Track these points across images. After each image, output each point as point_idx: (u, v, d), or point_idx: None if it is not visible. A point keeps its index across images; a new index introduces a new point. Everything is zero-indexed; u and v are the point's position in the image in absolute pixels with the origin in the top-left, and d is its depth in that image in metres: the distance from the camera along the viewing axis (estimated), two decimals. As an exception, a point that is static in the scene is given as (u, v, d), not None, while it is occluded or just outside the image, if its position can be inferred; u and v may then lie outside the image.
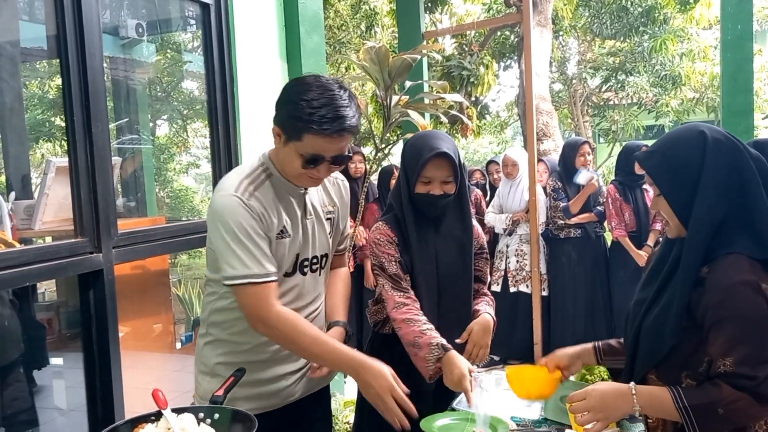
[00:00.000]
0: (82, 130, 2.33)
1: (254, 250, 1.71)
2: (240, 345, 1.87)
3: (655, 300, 1.58)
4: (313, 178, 1.78)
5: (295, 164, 1.73)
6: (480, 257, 2.21)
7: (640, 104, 12.90)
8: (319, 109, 1.64)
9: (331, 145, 1.70)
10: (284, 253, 1.80)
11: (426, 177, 2.10)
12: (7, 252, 2.16)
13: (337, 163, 1.77)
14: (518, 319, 5.39)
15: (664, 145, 1.58)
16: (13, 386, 2.89)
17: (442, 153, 2.08)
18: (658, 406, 1.48)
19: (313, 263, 1.89)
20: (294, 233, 1.82)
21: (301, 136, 1.68)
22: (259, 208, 1.74)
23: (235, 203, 1.71)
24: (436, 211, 2.16)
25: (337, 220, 1.99)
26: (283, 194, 1.81)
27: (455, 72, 7.88)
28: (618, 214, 5.08)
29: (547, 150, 7.47)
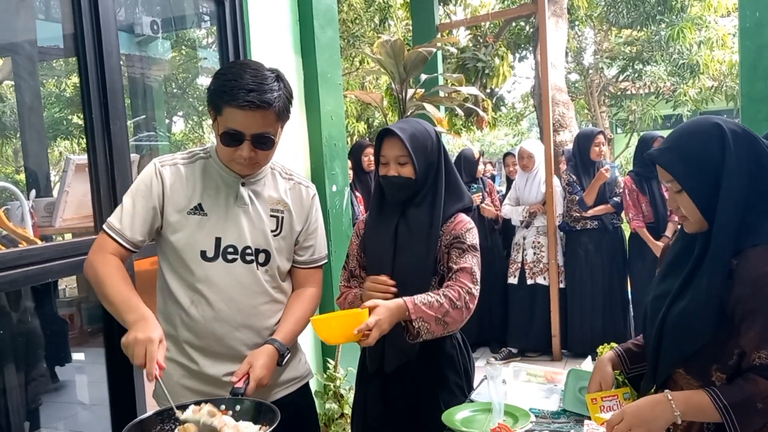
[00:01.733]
0: (101, 128, 2.35)
1: (128, 208, 1.81)
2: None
3: (680, 294, 1.55)
4: (241, 163, 1.79)
5: (221, 145, 1.79)
6: (453, 247, 2.06)
7: (657, 94, 12.75)
8: (237, 82, 1.70)
9: (248, 120, 1.72)
10: (196, 230, 1.82)
11: (382, 156, 2.10)
12: (28, 249, 2.20)
13: (260, 145, 1.77)
14: (535, 312, 5.38)
15: (680, 139, 1.54)
16: (37, 381, 2.93)
17: (387, 131, 2.07)
18: (696, 409, 1.45)
19: (246, 253, 1.85)
20: (213, 214, 1.83)
21: (222, 109, 1.73)
22: (171, 178, 1.83)
23: (150, 167, 1.85)
24: (394, 194, 2.10)
25: (289, 222, 1.93)
26: (213, 177, 1.86)
27: (470, 64, 7.84)
28: (635, 205, 5.04)
29: (563, 141, 7.42)
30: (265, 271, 1.89)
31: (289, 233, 1.94)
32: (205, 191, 1.85)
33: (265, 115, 1.73)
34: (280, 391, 1.95)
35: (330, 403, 3.47)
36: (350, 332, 1.81)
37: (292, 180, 1.98)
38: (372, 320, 1.82)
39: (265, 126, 1.76)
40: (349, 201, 4.00)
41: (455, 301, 1.96)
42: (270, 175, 1.94)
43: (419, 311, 1.91)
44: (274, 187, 1.93)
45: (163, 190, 1.82)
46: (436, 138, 2.14)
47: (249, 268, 1.86)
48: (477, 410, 1.97)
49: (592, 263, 5.27)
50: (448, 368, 2.14)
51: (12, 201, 2.92)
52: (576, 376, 2.04)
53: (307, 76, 3.65)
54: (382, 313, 1.85)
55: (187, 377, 1.88)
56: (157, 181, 1.83)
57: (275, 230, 1.90)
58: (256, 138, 1.76)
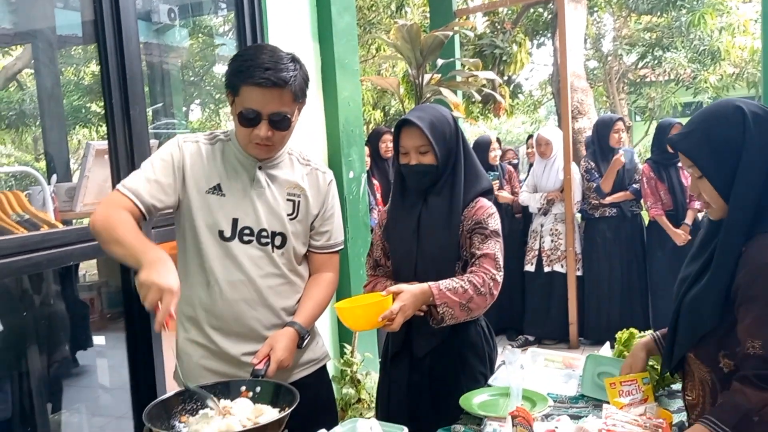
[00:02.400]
0: (121, 113, 2.38)
1: (146, 171, 1.80)
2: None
3: (697, 279, 1.54)
4: (259, 145, 1.81)
5: (239, 126, 1.80)
6: (475, 233, 2.06)
7: (677, 81, 12.57)
8: (253, 61, 1.73)
9: (265, 98, 1.74)
10: (214, 210, 1.84)
11: (402, 147, 2.09)
12: (50, 232, 2.23)
13: (277, 124, 1.78)
14: (552, 299, 5.37)
15: (700, 124, 1.51)
16: (59, 363, 2.98)
17: (406, 121, 2.05)
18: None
19: (261, 236, 1.87)
20: (230, 196, 1.85)
21: (239, 89, 1.76)
22: (193, 155, 1.85)
23: (173, 143, 1.87)
24: (417, 183, 2.10)
25: (305, 206, 1.94)
26: (231, 159, 1.88)
27: (487, 51, 7.79)
28: (653, 193, 5.00)
29: (582, 128, 7.36)
30: (281, 254, 1.91)
31: (305, 217, 1.95)
32: (224, 172, 1.87)
33: (281, 93, 1.75)
34: (298, 372, 1.97)
35: (347, 388, 3.49)
36: (375, 319, 1.84)
37: (309, 166, 1.99)
38: (396, 306, 1.85)
39: (282, 105, 1.77)
40: (366, 188, 4.00)
41: (479, 287, 1.97)
42: (287, 160, 1.96)
43: (444, 297, 1.93)
44: (291, 172, 1.95)
45: (184, 164, 1.84)
46: (454, 123, 2.13)
47: (265, 250, 1.89)
48: (495, 394, 1.97)
49: (610, 251, 5.24)
50: (473, 355, 2.15)
51: (33, 186, 2.96)
52: (594, 361, 2.04)
53: (324, 63, 3.64)
54: (406, 298, 1.88)
55: (207, 357, 1.90)
56: (179, 153, 1.85)
57: (291, 214, 1.92)
58: (272, 117, 1.77)
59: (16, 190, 2.63)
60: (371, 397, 3.50)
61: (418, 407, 2.13)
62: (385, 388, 2.27)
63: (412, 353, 2.15)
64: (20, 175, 6.46)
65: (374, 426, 1.51)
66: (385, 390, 2.27)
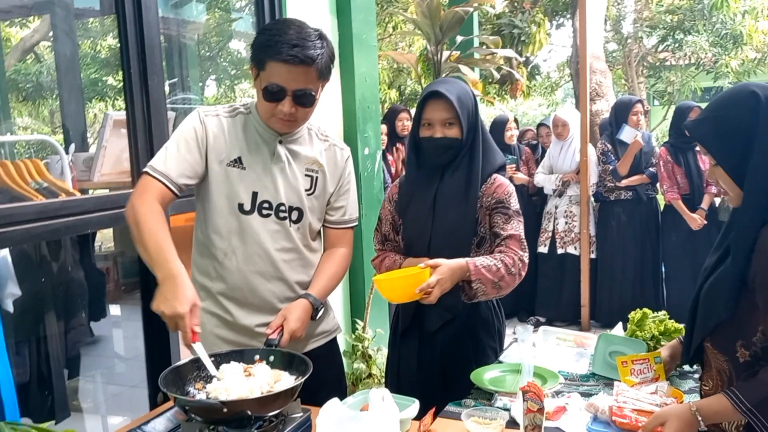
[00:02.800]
0: (139, 84, 2.38)
1: (172, 151, 1.81)
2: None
3: (716, 267, 1.53)
4: (282, 119, 1.81)
5: (262, 101, 1.81)
6: (497, 212, 2.06)
7: (698, 65, 12.38)
8: (281, 37, 1.72)
9: (291, 75, 1.74)
10: (234, 183, 1.85)
11: (426, 119, 2.06)
12: (69, 200, 2.26)
13: (301, 101, 1.78)
14: (565, 281, 5.36)
15: (714, 110, 1.49)
16: (76, 330, 3.03)
17: (436, 93, 2.02)
18: (724, 417, 1.45)
19: (279, 210, 1.89)
20: (250, 169, 1.86)
21: (265, 64, 1.75)
22: (214, 128, 1.85)
23: (194, 116, 1.87)
24: (439, 156, 2.07)
25: (323, 182, 1.96)
26: (252, 132, 1.88)
27: (506, 30, 7.71)
28: (670, 176, 4.96)
29: (599, 110, 7.29)
30: (297, 229, 1.92)
31: (322, 193, 1.96)
32: (245, 145, 1.88)
33: (307, 71, 1.75)
34: (311, 343, 1.99)
35: (358, 363, 3.52)
36: (412, 291, 1.86)
37: (327, 141, 2.00)
38: (434, 279, 1.87)
39: (307, 82, 1.77)
40: (381, 164, 4.00)
41: (510, 267, 1.99)
42: (307, 135, 1.96)
43: (479, 273, 1.95)
44: (310, 148, 1.96)
45: (207, 137, 1.85)
46: (474, 97, 2.13)
47: (282, 224, 1.90)
48: (506, 371, 1.99)
49: (624, 234, 5.21)
50: (483, 330, 2.16)
51: (52, 155, 2.98)
52: (606, 341, 2.04)
53: (342, 38, 3.63)
54: (444, 272, 1.90)
55: (220, 327, 1.92)
56: (201, 128, 1.85)
57: (309, 189, 1.93)
58: (297, 94, 1.78)
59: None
60: (382, 372, 3.53)
61: (428, 382, 2.14)
62: (394, 363, 2.29)
63: (422, 329, 2.16)
64: (38, 145, 6.51)
65: (386, 396, 1.52)
66: (394, 365, 2.28)
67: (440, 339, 2.14)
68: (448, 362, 2.13)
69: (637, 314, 2.11)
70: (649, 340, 2.03)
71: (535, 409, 1.55)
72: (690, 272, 4.95)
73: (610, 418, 1.52)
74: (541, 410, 1.55)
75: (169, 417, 1.58)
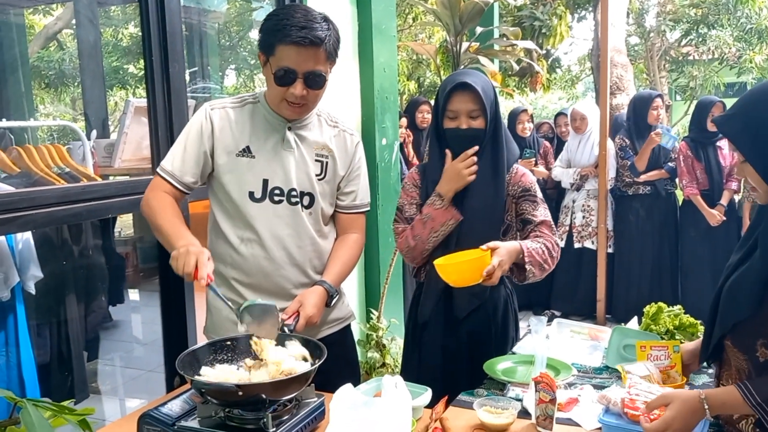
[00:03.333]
0: (160, 71, 2.40)
1: (179, 152, 1.89)
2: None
3: (740, 265, 1.51)
4: (292, 104, 1.84)
5: (273, 86, 1.83)
6: (524, 200, 2.11)
7: (721, 59, 12.21)
8: (289, 20, 1.76)
9: (301, 57, 1.77)
10: (244, 172, 1.89)
11: (451, 111, 2.07)
12: (90, 185, 2.29)
13: (312, 83, 1.82)
14: (581, 276, 5.34)
15: (744, 106, 1.46)
16: (96, 313, 3.08)
17: (463, 84, 2.03)
18: (731, 409, 1.44)
19: (291, 195, 1.91)
20: (260, 157, 1.89)
21: (275, 48, 1.79)
22: (220, 121, 1.90)
23: (201, 112, 1.92)
24: (464, 147, 2.08)
25: (333, 167, 1.98)
26: (260, 120, 1.92)
27: (527, 23, 7.65)
28: (689, 171, 4.91)
29: (619, 104, 7.22)
30: (309, 214, 1.95)
31: (332, 178, 1.99)
32: (254, 134, 1.91)
33: (316, 52, 1.78)
34: (325, 330, 2.01)
35: (372, 352, 3.54)
36: (478, 274, 1.86)
37: (337, 127, 2.02)
38: (496, 261, 1.88)
39: (317, 64, 1.80)
40: (399, 155, 4.00)
41: (551, 251, 2.05)
42: (316, 121, 1.99)
43: (531, 255, 1.99)
44: (320, 133, 1.98)
45: (213, 133, 1.89)
46: (494, 88, 2.15)
47: (294, 210, 1.92)
48: (519, 362, 1.99)
49: (642, 229, 5.18)
50: (504, 315, 2.19)
51: (74, 141, 3.03)
52: (620, 334, 2.04)
53: (361, 27, 3.62)
54: (503, 254, 1.91)
55: None
56: (207, 125, 1.89)
57: (320, 174, 1.96)
58: (308, 76, 1.80)
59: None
60: (395, 362, 3.55)
61: (453, 371, 2.15)
62: (414, 353, 2.28)
63: (447, 317, 2.17)
64: (61, 131, 6.60)
65: (399, 383, 1.54)
66: (414, 355, 2.27)
67: (465, 327, 2.15)
68: (474, 349, 2.14)
69: (652, 308, 2.11)
70: (664, 334, 2.03)
71: (548, 399, 1.56)
72: (707, 268, 4.91)
73: (622, 410, 1.52)
74: (553, 401, 1.56)
75: (185, 399, 1.60)
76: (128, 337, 3.84)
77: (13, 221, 1.91)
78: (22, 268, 2.35)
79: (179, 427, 1.49)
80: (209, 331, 2.00)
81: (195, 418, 1.52)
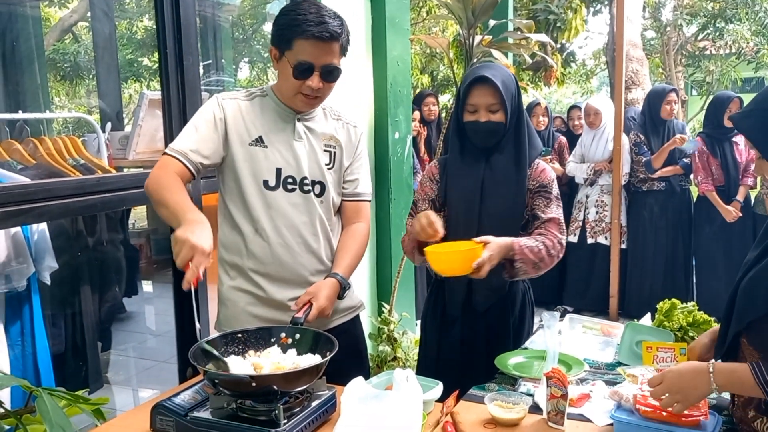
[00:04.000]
0: (174, 63, 2.42)
1: (190, 132, 1.88)
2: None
3: (757, 263, 1.50)
4: (307, 96, 1.89)
5: (289, 79, 1.87)
6: (539, 195, 2.10)
7: (739, 54, 12.09)
8: (305, 16, 1.81)
9: (318, 51, 1.83)
10: (260, 160, 1.91)
11: (471, 105, 2.07)
12: (105, 176, 2.31)
13: (328, 75, 1.87)
14: (594, 272, 5.31)
15: (762, 103, 1.45)
16: (110, 304, 3.11)
17: (483, 78, 2.03)
18: (737, 384, 1.39)
19: (304, 184, 1.94)
20: (272, 147, 1.92)
21: (291, 43, 1.83)
22: (233, 111, 1.92)
23: (213, 101, 1.94)
24: (484, 141, 2.10)
25: (340, 157, 2.02)
26: (270, 112, 1.95)
27: (541, 16, 7.60)
28: (705, 167, 4.86)
29: (635, 99, 7.16)
30: (321, 202, 1.98)
31: (339, 168, 2.03)
32: (265, 125, 1.94)
33: (333, 46, 1.85)
34: (335, 320, 2.03)
35: (383, 346, 3.55)
36: (468, 265, 1.87)
37: (340, 120, 2.07)
38: (486, 255, 1.89)
39: (333, 57, 1.87)
40: (411, 149, 4.00)
41: (550, 249, 2.03)
42: (321, 114, 2.04)
43: (522, 253, 1.98)
44: (326, 124, 2.03)
45: (226, 121, 1.91)
46: (516, 82, 2.14)
47: (307, 198, 1.96)
48: (530, 357, 1.99)
49: (656, 225, 5.14)
50: (521, 310, 2.20)
51: (89, 133, 3.05)
52: (633, 330, 2.03)
53: (375, 21, 3.62)
54: (494, 248, 1.92)
55: (253, 304, 1.96)
56: (220, 111, 1.92)
57: (329, 164, 2.00)
58: (325, 69, 1.86)
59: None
60: (407, 355, 3.55)
61: (472, 365, 2.15)
62: (432, 348, 2.27)
63: (466, 311, 2.18)
64: (76, 123, 6.65)
65: (410, 376, 1.54)
66: (432, 350, 2.27)
67: (484, 321, 2.17)
68: (493, 343, 2.15)
69: (665, 304, 2.09)
70: (677, 331, 2.02)
71: (559, 395, 1.56)
72: (722, 265, 4.87)
73: (634, 407, 1.52)
74: (564, 396, 1.56)
75: (197, 390, 1.61)
76: (141, 328, 3.87)
77: (28, 212, 1.93)
78: (37, 259, 2.37)
79: (191, 418, 1.50)
80: (222, 325, 2.01)
81: (207, 409, 1.54)
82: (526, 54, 3.45)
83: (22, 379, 1.33)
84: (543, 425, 1.59)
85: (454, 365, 2.17)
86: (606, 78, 14.00)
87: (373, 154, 3.73)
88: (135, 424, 1.60)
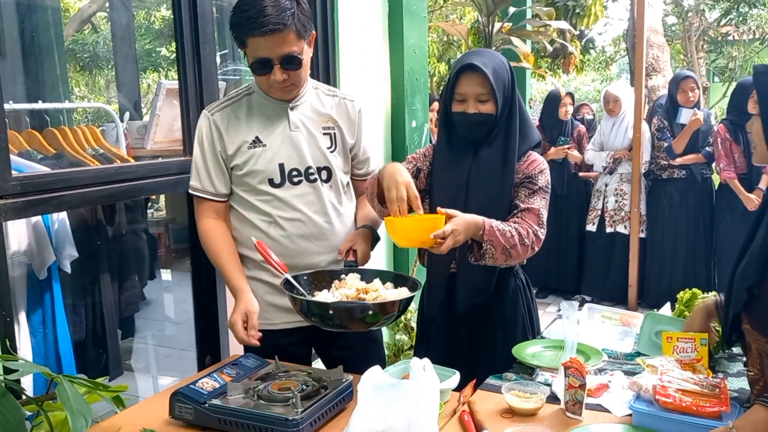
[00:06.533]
0: (191, 53, 2.42)
1: (200, 166, 1.95)
2: None
3: (750, 239, 1.50)
4: (279, 88, 1.88)
5: (256, 76, 1.88)
6: (522, 186, 1.94)
7: (762, 40, 11.88)
8: (250, 11, 1.78)
9: (270, 44, 1.80)
10: (259, 162, 1.92)
11: (459, 94, 1.92)
12: (124, 166, 2.32)
13: (289, 65, 1.84)
14: (613, 261, 5.27)
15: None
16: (130, 292, 3.13)
17: (471, 66, 1.88)
18: (762, 430, 1.34)
19: (309, 173, 1.95)
20: (271, 144, 1.93)
21: (245, 42, 1.83)
22: (223, 122, 1.94)
23: (203, 119, 1.96)
24: (471, 133, 1.95)
25: (341, 137, 2.02)
26: (261, 110, 1.95)
27: (560, 2, 7.49)
28: (727, 154, 4.79)
29: (656, 86, 7.07)
30: (329, 188, 1.99)
31: (342, 148, 2.03)
32: (259, 124, 1.94)
33: (284, 36, 1.80)
34: None
35: (400, 335, 3.55)
36: (426, 236, 1.73)
37: (336, 96, 2.05)
38: (449, 228, 1.74)
39: (289, 46, 1.82)
40: (429, 138, 3.98)
41: (524, 238, 1.87)
42: (314, 94, 2.02)
43: (492, 235, 1.82)
44: (321, 106, 2.01)
45: (221, 135, 1.93)
46: (510, 70, 2.01)
47: (314, 186, 1.97)
48: (548, 346, 1.98)
49: (676, 214, 5.08)
50: (512, 307, 2.08)
51: (108, 123, 3.07)
52: (652, 320, 2.01)
53: (391, 8, 3.59)
54: (459, 223, 1.76)
55: (271, 294, 1.98)
56: (214, 129, 1.93)
57: (331, 147, 2.00)
58: (283, 60, 1.83)
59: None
60: (424, 344, 3.55)
61: (456, 362, 2.00)
62: (423, 344, 2.20)
63: (450, 311, 2.07)
64: (95, 113, 6.70)
65: (427, 365, 1.54)
66: (423, 347, 2.20)
67: (467, 323, 2.07)
68: (477, 340, 2.07)
69: (686, 294, 2.07)
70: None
71: (577, 385, 1.55)
72: (744, 254, 4.80)
73: (654, 397, 1.50)
74: (582, 386, 1.54)
75: (216, 378, 1.63)
76: (161, 316, 3.90)
77: (49, 201, 1.95)
78: (58, 248, 2.40)
79: (210, 405, 1.52)
80: None
81: (225, 396, 1.55)
82: (545, 41, 3.41)
83: (44, 367, 1.35)
84: (561, 415, 1.58)
85: (439, 362, 2.10)
86: (626, 65, 13.83)
87: (390, 143, 3.71)
88: (154, 411, 1.62)
